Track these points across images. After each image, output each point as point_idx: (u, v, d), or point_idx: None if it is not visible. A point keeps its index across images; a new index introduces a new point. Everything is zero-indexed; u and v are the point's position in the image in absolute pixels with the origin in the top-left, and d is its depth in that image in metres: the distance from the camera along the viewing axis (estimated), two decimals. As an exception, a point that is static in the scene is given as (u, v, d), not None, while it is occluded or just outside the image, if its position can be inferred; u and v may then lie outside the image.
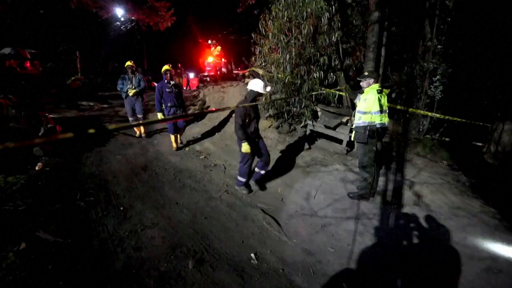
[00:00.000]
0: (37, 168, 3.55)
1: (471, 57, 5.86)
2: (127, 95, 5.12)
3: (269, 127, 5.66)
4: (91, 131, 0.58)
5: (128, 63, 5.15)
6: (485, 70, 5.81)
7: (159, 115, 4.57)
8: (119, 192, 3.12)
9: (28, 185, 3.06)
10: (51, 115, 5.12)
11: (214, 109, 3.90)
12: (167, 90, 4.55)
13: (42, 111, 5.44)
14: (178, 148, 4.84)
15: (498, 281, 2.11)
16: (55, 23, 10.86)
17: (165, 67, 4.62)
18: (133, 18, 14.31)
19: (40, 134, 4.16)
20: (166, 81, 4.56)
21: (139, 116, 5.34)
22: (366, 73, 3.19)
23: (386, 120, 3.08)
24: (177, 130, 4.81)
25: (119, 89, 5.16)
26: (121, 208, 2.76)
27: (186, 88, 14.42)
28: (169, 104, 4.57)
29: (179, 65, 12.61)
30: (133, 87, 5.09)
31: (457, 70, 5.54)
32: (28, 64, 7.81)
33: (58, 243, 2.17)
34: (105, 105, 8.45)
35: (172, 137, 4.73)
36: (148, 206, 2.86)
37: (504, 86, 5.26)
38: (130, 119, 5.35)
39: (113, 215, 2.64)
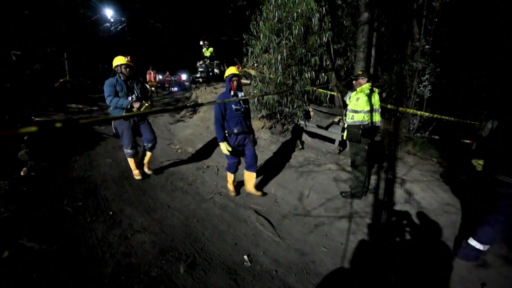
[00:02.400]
0: (22, 173, 3.42)
1: (458, 57, 6.02)
2: (128, 114, 3.14)
3: (262, 127, 5.65)
4: (58, 124, 0.55)
5: (120, 59, 3.17)
6: (472, 69, 5.98)
7: (223, 146, 2.92)
8: (109, 196, 3.04)
9: (12, 191, 2.94)
10: (37, 118, 4.97)
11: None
12: (234, 107, 2.93)
13: (28, 114, 5.28)
14: (237, 193, 3.33)
15: (487, 275, 2.14)
16: (41, 24, 10.58)
17: (232, 69, 3.00)
18: (122, 19, 14.09)
19: (25, 138, 4.02)
20: (231, 91, 2.97)
21: (148, 144, 3.52)
22: (359, 73, 3.22)
23: (378, 119, 3.11)
24: (235, 167, 3.21)
25: (112, 104, 3.09)
26: (111, 213, 2.69)
27: (179, 89, 14.29)
28: (235, 130, 2.96)
29: (150, 68, 11.20)
30: (136, 98, 3.22)
31: (445, 70, 5.67)
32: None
33: (43, 250, 2.09)
34: (95, 108, 8.27)
35: (231, 176, 3.25)
36: (139, 210, 2.79)
37: (489, 85, 5.41)
38: (128, 151, 3.37)
39: (102, 220, 2.56)
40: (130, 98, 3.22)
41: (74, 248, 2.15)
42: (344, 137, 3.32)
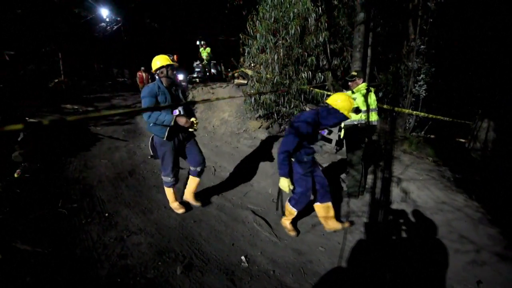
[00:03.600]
0: (15, 174, 3.37)
1: (453, 57, 6.08)
2: (171, 132, 2.44)
3: (259, 127, 5.65)
4: (45, 122, 0.54)
5: (164, 59, 2.46)
6: (466, 69, 6.04)
7: (285, 184, 2.28)
8: (104, 197, 3.01)
9: (6, 193, 2.90)
10: (31, 119, 4.90)
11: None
12: (324, 133, 2.47)
13: (21, 114, 5.20)
14: None
15: (483, 273, 2.17)
16: (35, 24, 10.44)
17: (347, 106, 2.16)
18: (118, 18, 13.98)
19: (19, 139, 3.96)
20: (325, 130, 2.40)
21: (196, 168, 2.78)
22: (354, 73, 3.23)
23: (375, 118, 3.13)
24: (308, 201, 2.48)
25: (151, 121, 2.38)
26: (106, 215, 2.66)
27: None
28: (305, 159, 2.36)
29: (142, 68, 9.48)
30: (181, 112, 2.49)
31: (440, 70, 5.73)
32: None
33: (37, 253, 2.06)
34: (90, 108, 8.19)
35: (294, 213, 2.51)
36: (135, 211, 2.77)
37: (483, 85, 5.47)
38: (169, 180, 2.67)
39: (97, 222, 2.53)
40: (176, 111, 2.45)
41: (69, 250, 2.12)
42: (341, 136, 3.33)
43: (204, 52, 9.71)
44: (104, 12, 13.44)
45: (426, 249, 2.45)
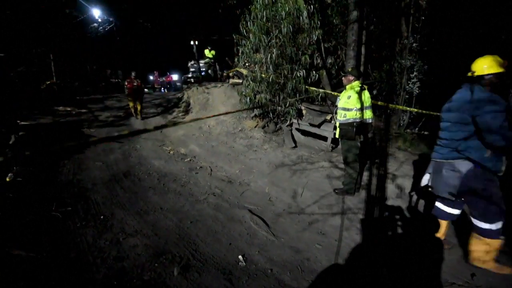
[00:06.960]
0: (7, 178, 3.31)
1: (444, 54, 6.15)
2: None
3: (255, 126, 5.65)
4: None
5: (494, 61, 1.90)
6: (458, 66, 6.12)
7: None
8: (99, 200, 2.97)
9: (-3, 198, 2.84)
10: (22, 122, 4.81)
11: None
12: None
13: (13, 118, 5.10)
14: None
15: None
16: (25, 25, 10.22)
17: None
18: (110, 19, 13.81)
19: (10, 142, 3.89)
20: None
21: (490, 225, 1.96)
22: (349, 69, 3.27)
23: (370, 115, 3.17)
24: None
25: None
26: (101, 217, 2.63)
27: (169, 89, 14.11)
28: None
29: (133, 73, 7.29)
30: None
31: (432, 67, 5.79)
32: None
33: (31, 258, 2.02)
34: (84, 110, 8.08)
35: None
36: (131, 214, 2.74)
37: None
38: (499, 227, 1.94)
39: (92, 224, 2.50)
40: None
41: (63, 254, 2.09)
42: (337, 135, 3.34)
43: (209, 54, 9.92)
44: (96, 12, 13.27)
45: (421, 244, 2.48)
